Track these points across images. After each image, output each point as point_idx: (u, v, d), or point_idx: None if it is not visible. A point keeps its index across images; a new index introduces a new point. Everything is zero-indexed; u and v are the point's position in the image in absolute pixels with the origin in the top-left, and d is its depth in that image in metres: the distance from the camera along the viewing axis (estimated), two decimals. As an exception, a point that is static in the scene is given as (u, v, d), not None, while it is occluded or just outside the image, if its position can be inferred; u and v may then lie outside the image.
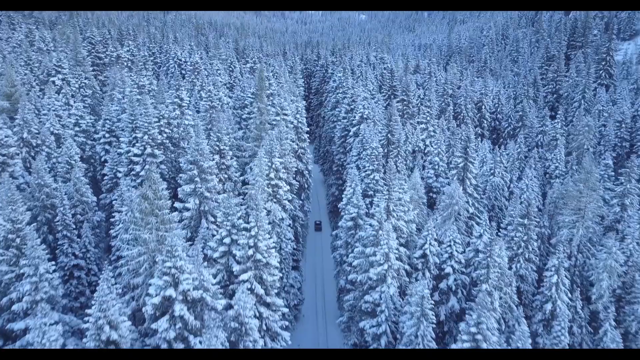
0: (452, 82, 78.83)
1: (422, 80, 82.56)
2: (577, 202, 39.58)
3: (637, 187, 42.02)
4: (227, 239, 28.06)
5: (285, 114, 52.49)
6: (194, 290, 21.28)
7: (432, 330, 27.16)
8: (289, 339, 28.49)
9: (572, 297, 33.05)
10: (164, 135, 41.89)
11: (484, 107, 78.76)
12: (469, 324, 22.91)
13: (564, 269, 32.99)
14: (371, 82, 74.98)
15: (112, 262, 34.90)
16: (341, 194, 72.15)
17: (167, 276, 20.57)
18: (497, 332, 23.81)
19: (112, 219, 36.38)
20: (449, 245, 34.32)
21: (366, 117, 62.94)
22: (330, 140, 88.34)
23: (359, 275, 32.61)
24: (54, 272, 24.25)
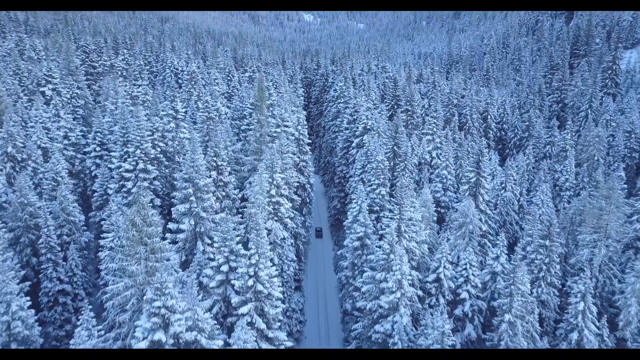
0: (456, 92, 76.65)
1: (426, 89, 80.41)
2: (597, 219, 37.12)
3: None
4: (224, 267, 25.45)
5: (286, 126, 50.08)
6: (187, 331, 18.67)
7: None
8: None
9: (598, 325, 30.50)
10: (158, 149, 39.37)
11: (489, 117, 76.57)
12: None
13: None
14: (374, 91, 72.75)
15: (100, 287, 32.27)
16: (343, 207, 69.80)
17: (156, 317, 17.96)
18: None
19: (101, 239, 33.78)
20: (465, 268, 31.77)
21: (369, 128, 60.60)
22: (331, 150, 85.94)
23: (368, 302, 29.98)
24: (29, 308, 21.55)
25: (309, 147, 55.41)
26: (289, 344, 25.90)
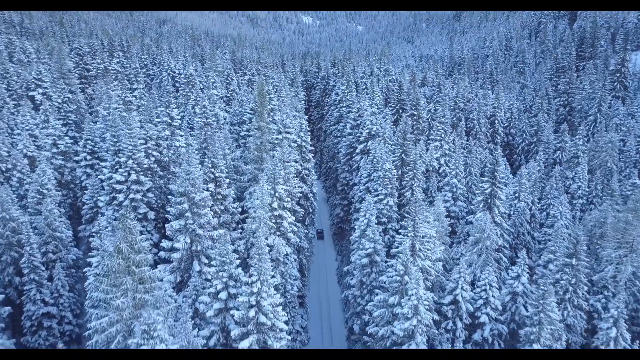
0: (463, 96, 74.24)
1: (431, 93, 77.99)
2: (622, 234, 34.66)
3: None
4: (223, 294, 22.88)
5: (287, 132, 47.55)
6: (179, 378, 16.11)
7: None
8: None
9: (630, 352, 27.99)
10: (152, 158, 36.79)
11: (497, 121, 74.14)
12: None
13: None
14: (377, 95, 70.29)
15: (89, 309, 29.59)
16: (347, 215, 67.24)
17: (142, 364, 15.42)
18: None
19: (90, 258, 31.19)
20: (484, 289, 29.27)
21: (374, 133, 58.08)
22: (333, 156, 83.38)
23: (380, 328, 27.42)
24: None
25: (311, 153, 52.87)
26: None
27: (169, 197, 31.69)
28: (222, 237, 25.07)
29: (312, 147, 52.08)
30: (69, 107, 55.51)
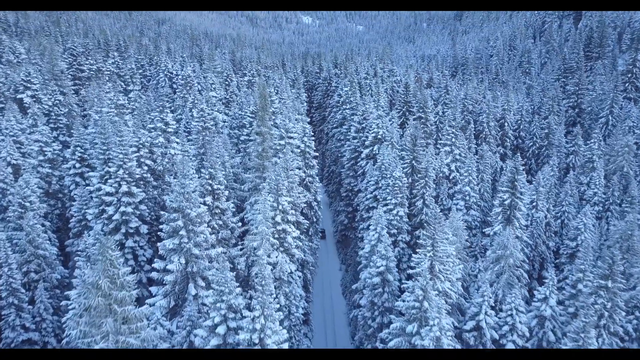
0: (471, 97, 71.49)
1: (438, 94, 75.21)
2: (654, 249, 31.95)
3: None
4: (221, 328, 20.12)
5: (290, 137, 44.77)
6: None
7: None
8: None
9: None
10: (145, 167, 34.00)
11: (506, 124, 71.35)
12: None
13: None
14: (382, 97, 67.56)
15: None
16: (351, 222, 64.50)
17: None
18: None
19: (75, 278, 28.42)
20: (510, 314, 26.53)
21: (381, 137, 55.36)
22: (336, 159, 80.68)
23: (396, 360, 24.58)
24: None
25: (315, 159, 50.10)
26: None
27: (163, 211, 28.91)
28: (220, 260, 22.28)
29: (316, 153, 49.21)
30: (60, 110, 52.67)
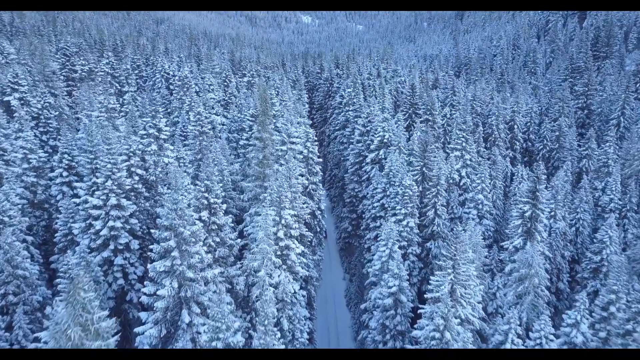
0: (480, 99, 68.89)
1: (444, 96, 72.62)
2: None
3: None
4: (217, 370, 17.49)
5: (292, 142, 42.14)
6: None
7: None
8: None
9: None
10: (136, 177, 31.38)
11: (516, 126, 68.75)
12: None
13: None
14: (387, 99, 64.94)
15: None
16: (355, 230, 61.88)
17: None
18: None
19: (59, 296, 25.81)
20: (539, 342, 23.93)
21: (387, 142, 52.77)
22: (338, 163, 78.10)
23: (414, 396, 21.99)
24: None
25: (318, 165, 47.44)
26: None
27: (155, 225, 26.27)
28: (217, 285, 19.66)
29: (320, 159, 46.59)
30: (50, 114, 50.03)
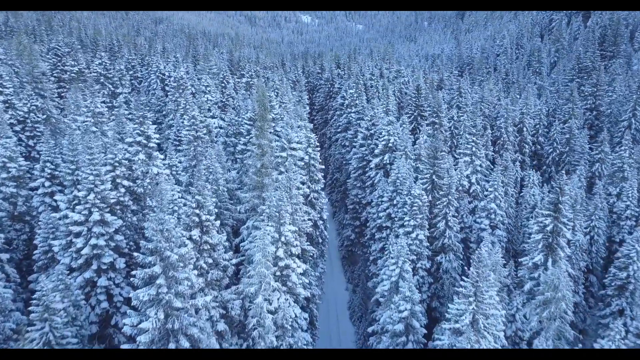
0: (488, 100, 66.22)
1: (450, 97, 69.96)
2: None
3: None
4: None
5: (293, 148, 39.43)
6: None
7: None
8: None
9: None
10: (122, 189, 28.71)
11: (525, 129, 66.08)
12: None
13: None
14: (391, 100, 62.29)
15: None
16: (358, 237, 59.11)
17: None
18: None
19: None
20: (570, 378, 21.32)
21: (392, 146, 50.14)
22: (340, 166, 75.49)
23: None
24: None
25: (321, 172, 44.66)
26: None
27: (141, 242, 23.56)
28: (208, 326, 16.96)
29: (322, 165, 43.91)
30: (37, 117, 47.34)
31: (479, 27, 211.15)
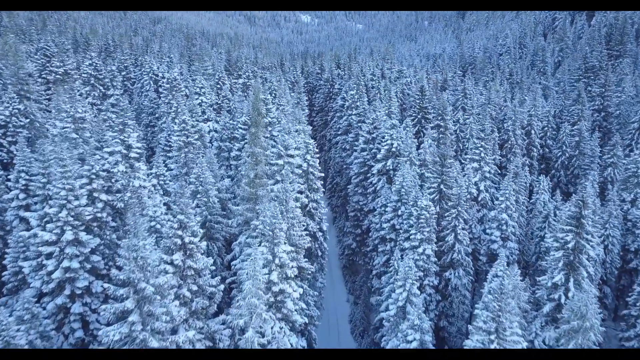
0: (495, 102, 63.48)
1: (454, 98, 67.23)
2: None
3: None
4: None
5: (290, 155, 36.66)
6: None
7: None
8: None
9: None
10: (100, 204, 25.98)
11: (533, 131, 63.34)
12: None
13: None
14: (394, 102, 59.55)
15: None
16: (360, 246, 56.44)
17: None
18: None
19: None
20: None
21: (395, 150, 47.39)
22: (340, 170, 72.70)
23: None
24: None
25: (320, 181, 41.90)
26: None
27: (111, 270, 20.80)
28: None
29: (321, 174, 41.17)
30: (19, 122, 44.67)
31: (481, 26, 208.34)
